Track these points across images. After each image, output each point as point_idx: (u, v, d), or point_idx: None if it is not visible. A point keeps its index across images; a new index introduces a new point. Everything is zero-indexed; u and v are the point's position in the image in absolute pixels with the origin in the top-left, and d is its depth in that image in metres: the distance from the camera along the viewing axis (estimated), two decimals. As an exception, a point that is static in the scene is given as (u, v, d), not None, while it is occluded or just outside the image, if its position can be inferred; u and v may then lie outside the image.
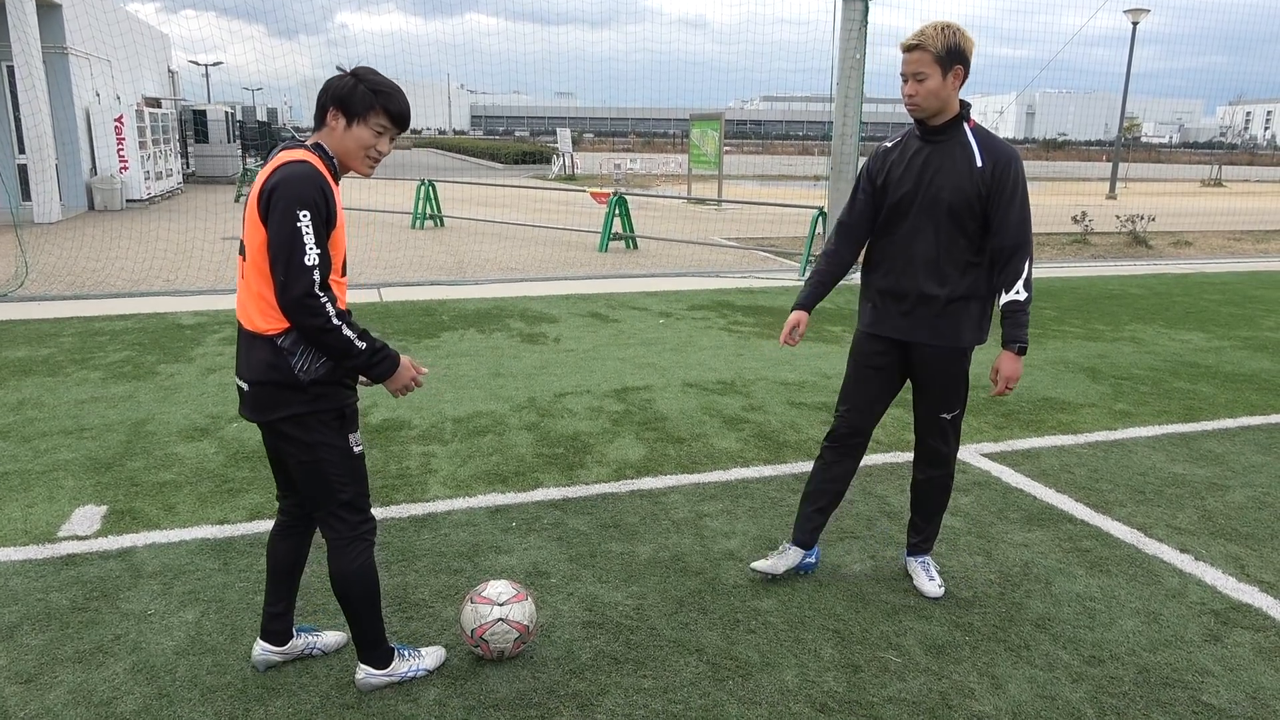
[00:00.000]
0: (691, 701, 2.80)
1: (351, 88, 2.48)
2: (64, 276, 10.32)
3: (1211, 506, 4.33)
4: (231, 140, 26.79)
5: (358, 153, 2.53)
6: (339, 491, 2.63)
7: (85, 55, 17.99)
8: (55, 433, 5.05)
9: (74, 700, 2.74)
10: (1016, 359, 3.18)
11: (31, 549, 3.68)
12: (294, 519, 2.85)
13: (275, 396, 2.52)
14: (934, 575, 3.50)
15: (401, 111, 2.53)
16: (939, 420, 3.35)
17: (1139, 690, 2.89)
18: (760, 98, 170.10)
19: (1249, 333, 8.35)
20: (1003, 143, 3.14)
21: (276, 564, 2.85)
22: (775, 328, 8.15)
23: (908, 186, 3.16)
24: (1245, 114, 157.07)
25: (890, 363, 3.33)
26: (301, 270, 2.37)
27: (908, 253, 3.19)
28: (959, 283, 3.15)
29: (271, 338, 2.48)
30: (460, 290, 9.91)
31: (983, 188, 3.07)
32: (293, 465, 2.62)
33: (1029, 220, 3.12)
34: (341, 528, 2.66)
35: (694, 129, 23.05)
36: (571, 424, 5.36)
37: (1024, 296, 3.12)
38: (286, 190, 2.38)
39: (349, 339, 2.46)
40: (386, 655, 2.83)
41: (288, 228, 2.36)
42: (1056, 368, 6.91)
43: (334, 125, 2.51)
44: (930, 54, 3.01)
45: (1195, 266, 13.09)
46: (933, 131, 3.15)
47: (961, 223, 3.10)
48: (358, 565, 2.68)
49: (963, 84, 3.09)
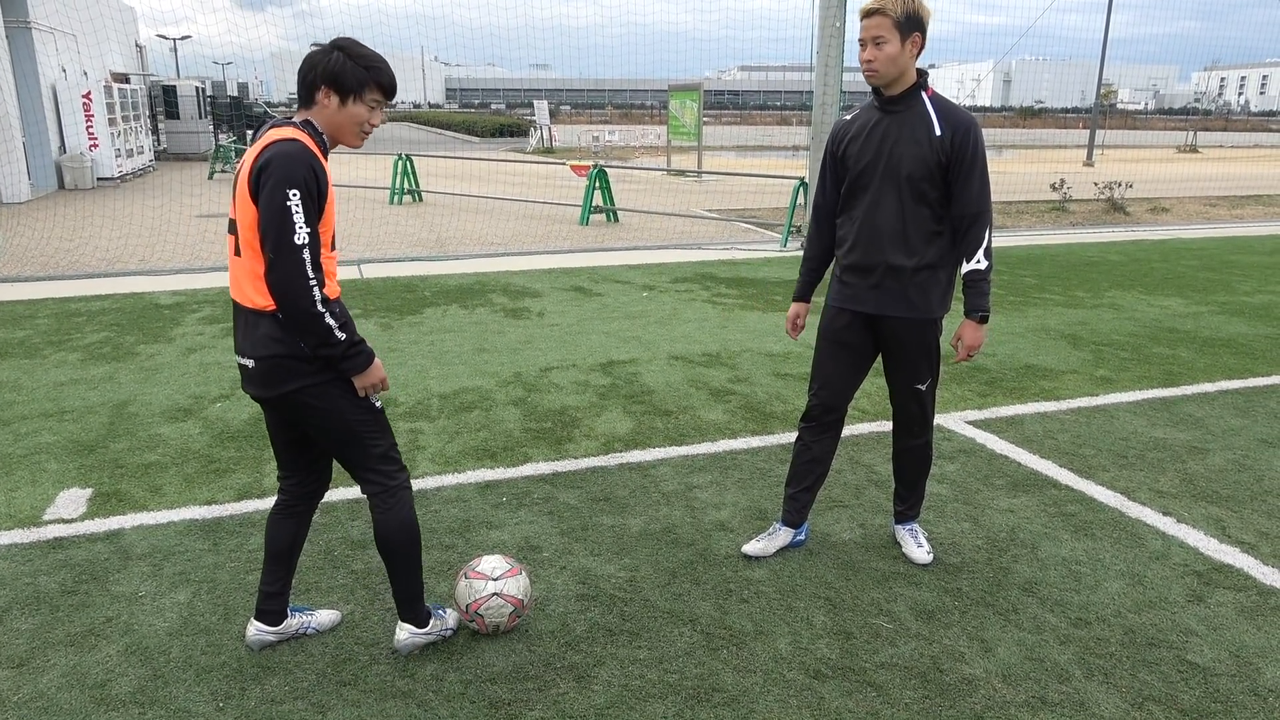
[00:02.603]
0: (687, 671, 2.83)
1: (341, 64, 2.45)
2: (36, 257, 10.16)
3: (1192, 470, 4.40)
4: (203, 116, 26.37)
5: (351, 128, 2.53)
6: (372, 446, 2.66)
7: (50, 30, 17.59)
8: (35, 415, 4.99)
9: (68, 684, 2.73)
10: (978, 327, 3.17)
11: (17, 533, 3.65)
12: (295, 499, 2.84)
13: (284, 369, 2.52)
14: (922, 542, 3.54)
15: (392, 83, 2.54)
16: (914, 390, 3.35)
17: (1125, 651, 2.95)
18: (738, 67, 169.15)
19: (1226, 298, 8.44)
20: (961, 110, 3.12)
21: (276, 544, 2.85)
22: (759, 299, 8.16)
23: (868, 158, 3.15)
24: (1220, 80, 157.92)
25: (861, 338, 3.32)
26: (290, 249, 2.36)
27: (872, 225, 3.17)
28: (925, 252, 3.15)
29: (274, 313, 2.48)
30: (441, 266, 9.83)
31: (943, 156, 3.06)
32: (319, 434, 2.65)
33: (988, 188, 3.13)
34: (381, 479, 2.70)
35: (672, 100, 22.91)
36: (558, 398, 5.36)
37: (984, 265, 3.11)
38: (276, 169, 2.36)
39: (330, 327, 2.45)
40: (426, 614, 2.88)
41: (277, 206, 2.35)
42: (1038, 335, 6.97)
43: (325, 103, 2.48)
44: (890, 19, 2.98)
45: (1172, 232, 13.20)
46: (891, 101, 3.13)
47: (923, 192, 3.10)
48: (403, 515, 2.72)
49: (920, 52, 3.06)
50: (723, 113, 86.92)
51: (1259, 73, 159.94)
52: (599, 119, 65.16)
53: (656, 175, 21.66)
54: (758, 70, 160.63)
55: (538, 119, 35.14)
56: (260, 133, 2.50)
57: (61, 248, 10.75)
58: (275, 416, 2.72)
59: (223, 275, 9.12)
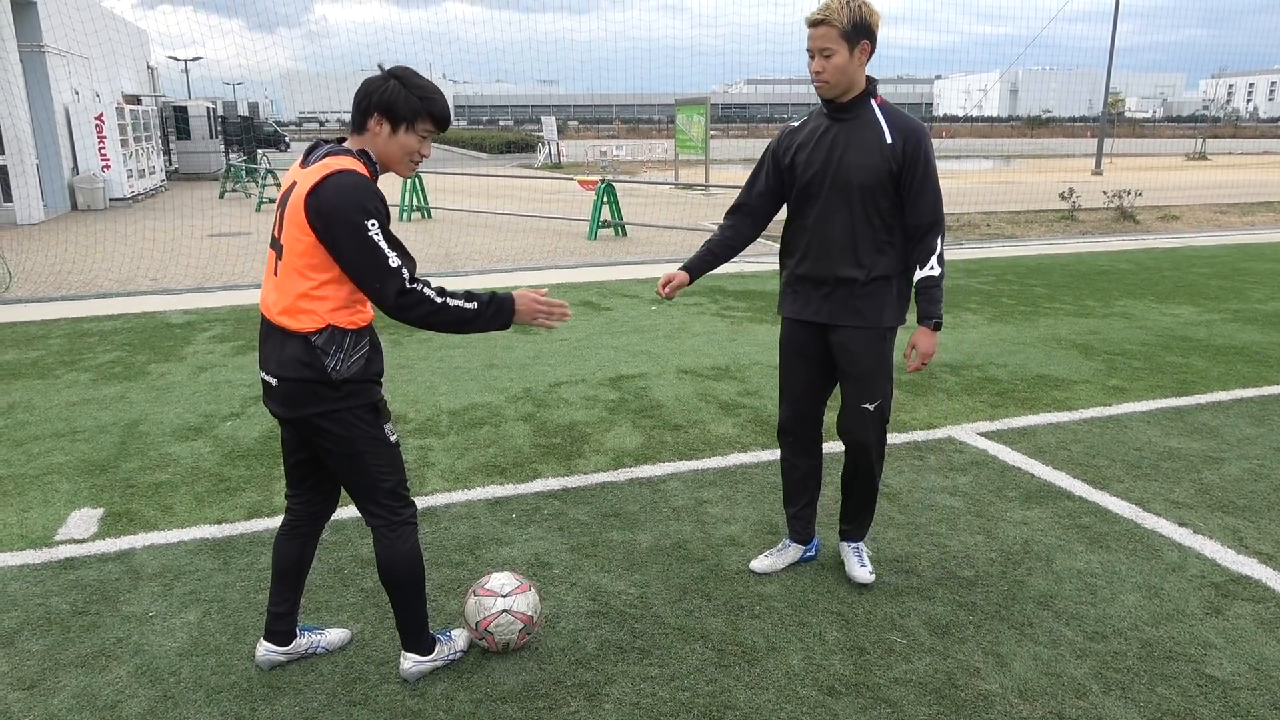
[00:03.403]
0: (698, 688, 2.80)
1: (396, 92, 2.46)
2: (50, 278, 10.23)
3: (1208, 479, 4.36)
4: (214, 136, 26.59)
5: (401, 157, 2.55)
6: (381, 481, 2.65)
7: (63, 53, 17.79)
8: (47, 436, 5.01)
9: (78, 705, 2.72)
10: (932, 335, 3.11)
11: (29, 553, 3.65)
12: (301, 519, 2.84)
13: (307, 393, 2.53)
14: (865, 561, 3.44)
15: (445, 114, 2.55)
16: (861, 411, 3.22)
17: (1142, 664, 2.91)
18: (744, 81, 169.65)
19: (1238, 305, 8.38)
20: (911, 118, 3.06)
21: (283, 564, 2.84)
22: (767, 312, 8.14)
23: (816, 167, 3.09)
24: (1228, 87, 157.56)
25: (817, 349, 3.25)
26: (389, 274, 2.42)
27: (822, 237, 3.12)
28: (876, 262, 3.10)
29: (306, 335, 2.49)
30: (450, 282, 9.86)
31: (894, 164, 3.01)
32: (330, 459, 2.64)
33: (940, 196, 3.08)
34: (386, 514, 2.69)
35: (679, 114, 22.98)
36: (567, 414, 5.35)
37: (938, 272, 3.07)
38: (347, 205, 2.37)
39: (460, 308, 2.51)
40: (431, 642, 2.87)
41: (361, 242, 2.39)
42: (1049, 345, 6.93)
43: (377, 130, 2.50)
44: (836, 29, 2.92)
45: (1183, 240, 13.13)
46: (840, 109, 3.07)
47: (874, 201, 3.04)
48: (404, 551, 2.70)
49: (869, 59, 3.02)
50: (730, 126, 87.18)
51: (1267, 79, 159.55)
52: (606, 134, 65.40)
53: (664, 189, 21.71)
54: (764, 83, 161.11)
55: (545, 134, 35.31)
56: (314, 156, 2.51)
57: (74, 268, 10.83)
58: (291, 434, 2.73)
59: (233, 294, 9.16)
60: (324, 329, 2.48)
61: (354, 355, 2.52)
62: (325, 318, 2.48)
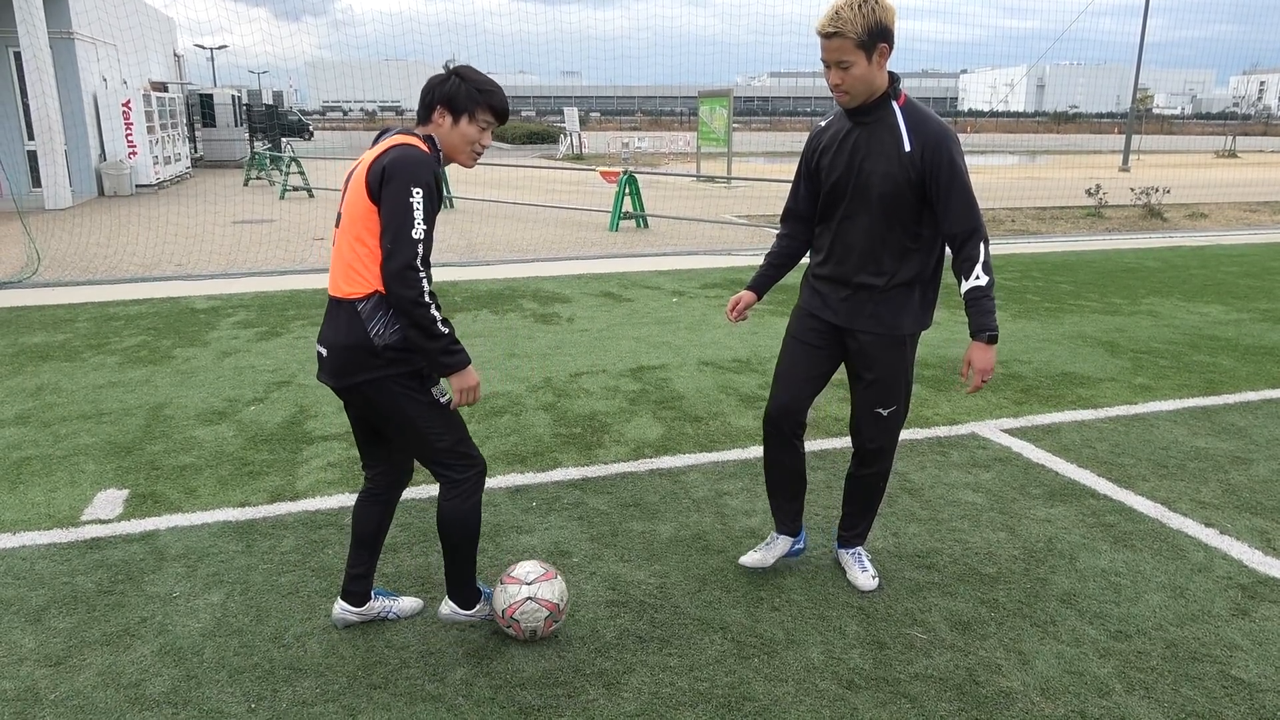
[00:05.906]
0: (717, 679, 2.80)
1: (457, 87, 2.64)
2: (77, 262, 10.34)
3: (1235, 480, 4.30)
4: (239, 124, 26.78)
5: (463, 146, 2.69)
6: (436, 441, 2.76)
7: (91, 40, 17.94)
8: (74, 417, 5.07)
9: (103, 682, 2.76)
10: (987, 348, 2.92)
11: (55, 533, 3.70)
12: (380, 487, 2.98)
13: (352, 360, 2.65)
14: (867, 566, 3.37)
15: (504, 107, 2.70)
16: (875, 416, 3.14)
17: (1167, 665, 2.88)
18: (768, 74, 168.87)
19: (1268, 305, 8.26)
20: (934, 122, 2.91)
21: (362, 528, 2.97)
22: (788, 305, 8.09)
23: (839, 172, 3.00)
24: (1259, 83, 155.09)
25: (826, 344, 3.16)
26: (408, 242, 2.52)
27: (845, 241, 3.05)
28: (898, 269, 3.00)
29: (353, 301, 2.63)
30: (472, 271, 9.88)
31: (913, 172, 2.87)
32: (386, 427, 2.78)
33: (974, 202, 2.92)
34: (447, 472, 2.81)
35: (702, 106, 22.91)
36: (588, 404, 5.35)
37: (985, 281, 2.88)
38: (404, 168, 2.53)
39: (435, 319, 2.59)
40: (474, 595, 3.01)
41: (401, 202, 2.51)
42: (1074, 342, 6.86)
43: (440, 122, 2.67)
44: (851, 40, 2.77)
45: (1211, 238, 12.96)
46: (859, 112, 2.94)
47: (895, 210, 2.94)
48: (463, 508, 2.82)
49: (888, 59, 2.88)
50: (752, 119, 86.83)
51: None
52: (629, 125, 65.30)
53: (686, 181, 21.66)
54: (788, 76, 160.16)
55: (568, 126, 35.29)
56: (382, 137, 2.68)
57: (100, 253, 10.94)
58: (353, 414, 2.87)
59: (257, 280, 9.23)
60: (370, 295, 2.60)
61: (396, 323, 2.62)
62: (374, 284, 2.60)
